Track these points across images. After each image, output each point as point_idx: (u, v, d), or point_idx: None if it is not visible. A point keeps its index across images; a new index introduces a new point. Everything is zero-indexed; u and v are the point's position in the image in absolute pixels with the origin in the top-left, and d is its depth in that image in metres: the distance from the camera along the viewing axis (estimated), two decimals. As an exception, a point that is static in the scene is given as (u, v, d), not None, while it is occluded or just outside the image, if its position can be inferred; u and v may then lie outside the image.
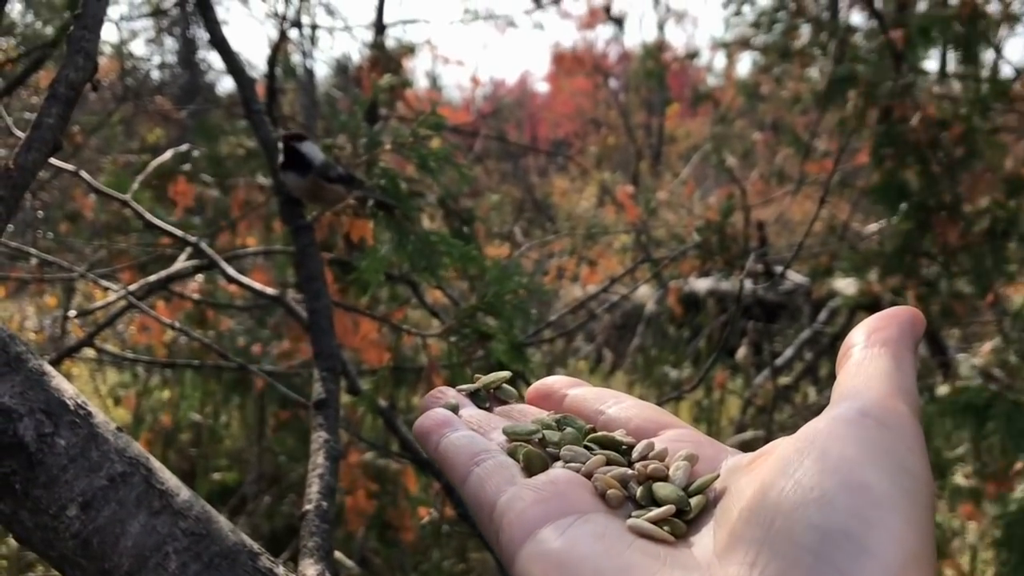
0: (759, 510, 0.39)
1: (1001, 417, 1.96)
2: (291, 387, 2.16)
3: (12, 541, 2.65)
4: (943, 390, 2.85)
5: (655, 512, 0.46)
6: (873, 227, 4.44)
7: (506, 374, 0.63)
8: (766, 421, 3.75)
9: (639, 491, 0.48)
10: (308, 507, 0.79)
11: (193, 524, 0.66)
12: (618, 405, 0.58)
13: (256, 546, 0.69)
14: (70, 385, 0.67)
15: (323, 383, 0.91)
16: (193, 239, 1.52)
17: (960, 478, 2.93)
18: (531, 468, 0.50)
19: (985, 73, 3.28)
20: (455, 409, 0.58)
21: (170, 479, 0.68)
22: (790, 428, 3.91)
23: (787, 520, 0.37)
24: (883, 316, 0.46)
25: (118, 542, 0.63)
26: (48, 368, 0.67)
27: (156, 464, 0.68)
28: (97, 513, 0.63)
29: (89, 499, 0.63)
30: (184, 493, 0.68)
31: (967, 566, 3.04)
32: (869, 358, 0.44)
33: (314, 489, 0.80)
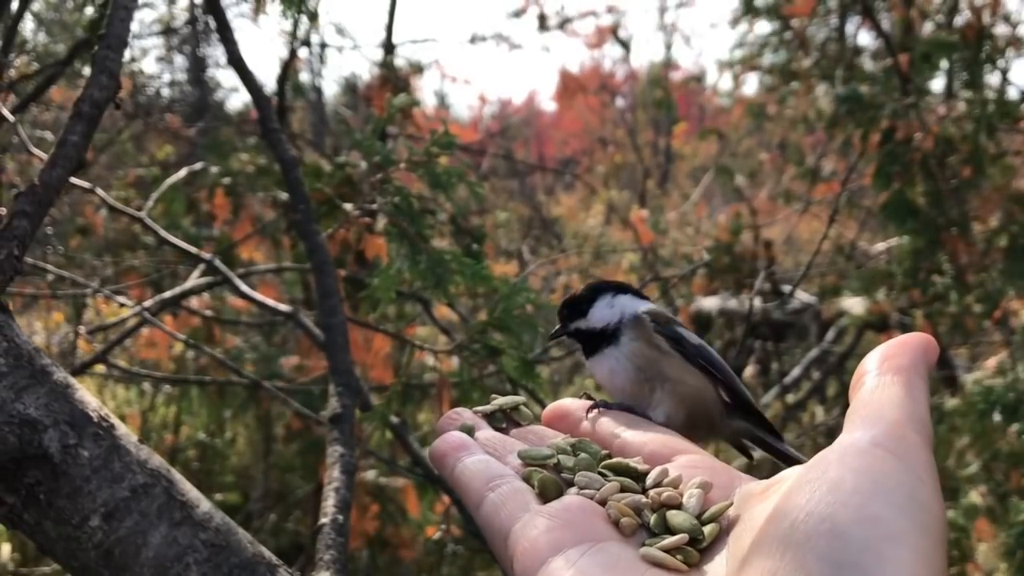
0: (771, 540, 0.39)
1: None
2: (303, 402, 2.17)
3: (3, 552, 2.64)
4: (952, 403, 2.85)
5: (668, 541, 0.47)
6: (881, 246, 4.45)
7: (521, 399, 0.64)
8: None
9: (653, 519, 0.49)
10: (324, 520, 0.80)
11: (213, 535, 0.66)
12: (633, 430, 0.58)
13: (274, 558, 0.69)
14: (93, 397, 0.68)
15: (339, 398, 0.92)
16: (207, 256, 1.53)
17: (975, 496, 2.92)
18: (546, 494, 0.51)
19: (991, 95, 3.29)
20: (471, 431, 0.59)
21: (191, 491, 0.69)
22: (798, 448, 3.89)
23: (799, 551, 0.38)
24: (896, 343, 0.47)
25: (140, 553, 0.64)
26: (72, 381, 0.68)
27: (177, 476, 0.69)
28: (119, 524, 0.64)
29: (112, 510, 0.64)
30: (204, 504, 0.68)
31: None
32: (881, 386, 0.44)
33: (330, 503, 0.81)
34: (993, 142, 2.94)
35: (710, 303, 5.95)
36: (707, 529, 0.47)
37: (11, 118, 1.44)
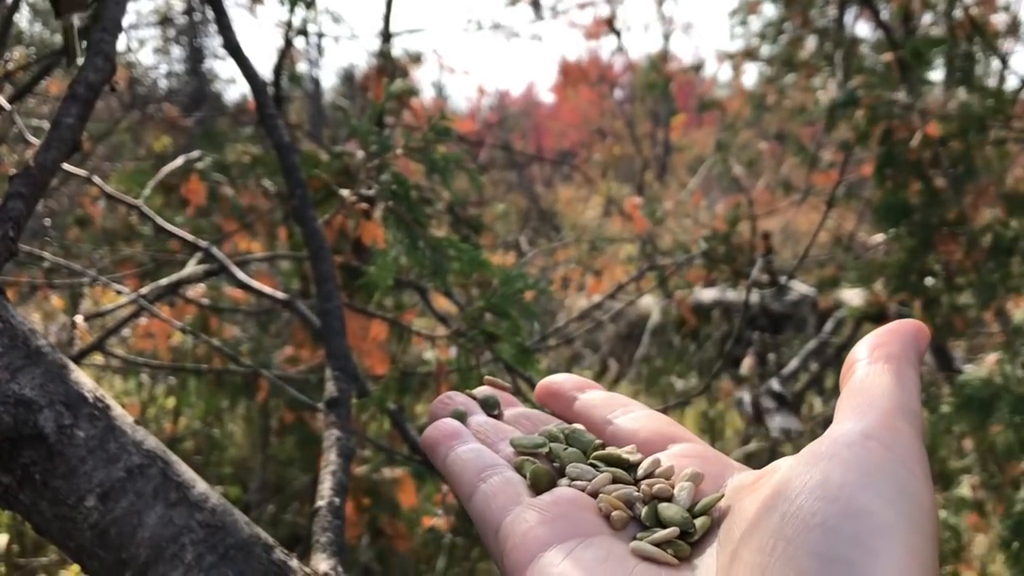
0: (761, 534, 0.39)
1: (1005, 410, 1.95)
2: (300, 392, 2.17)
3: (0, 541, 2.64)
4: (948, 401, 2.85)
5: (659, 534, 0.46)
6: (879, 237, 4.45)
7: (508, 386, 0.64)
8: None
9: (644, 511, 0.49)
10: (321, 503, 0.80)
11: (209, 516, 0.66)
12: (627, 415, 0.58)
13: (270, 539, 0.69)
14: (89, 379, 0.68)
15: (335, 382, 0.92)
16: (204, 244, 1.53)
17: (966, 488, 2.93)
18: (538, 485, 0.51)
19: (991, 84, 3.29)
20: (463, 417, 0.58)
21: (186, 472, 0.69)
22: (797, 440, 3.91)
23: (789, 545, 0.37)
24: (886, 331, 0.46)
25: (135, 533, 0.64)
26: (68, 362, 0.68)
27: (173, 457, 0.69)
28: (115, 504, 0.64)
29: (107, 490, 0.64)
30: (200, 485, 0.68)
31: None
32: (872, 375, 0.44)
33: (326, 485, 0.81)
34: (986, 137, 2.94)
35: (708, 295, 5.96)
36: (698, 522, 0.46)
37: (8, 107, 1.44)
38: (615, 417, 0.58)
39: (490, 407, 0.61)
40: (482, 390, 0.63)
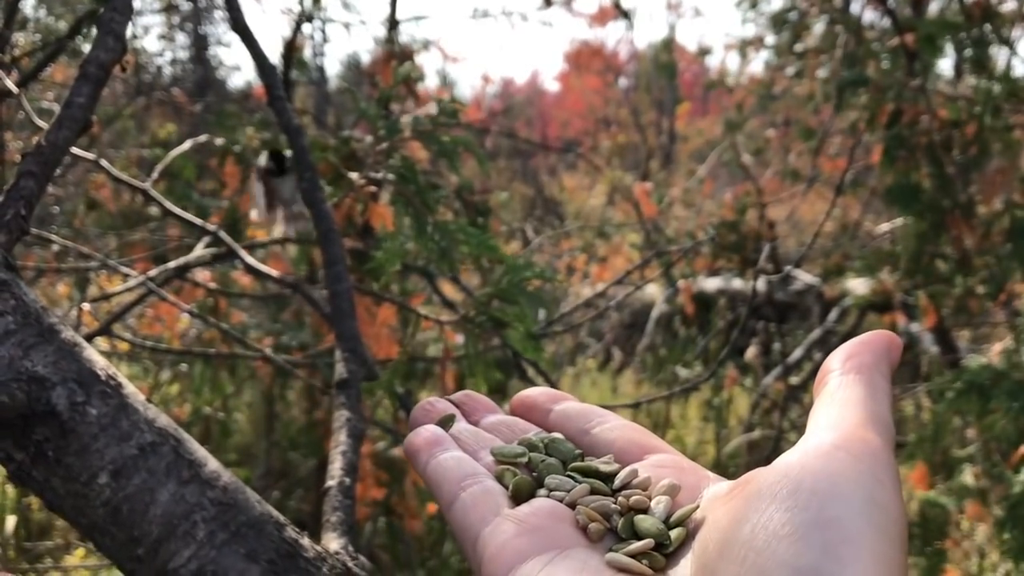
0: (733, 545, 0.40)
1: (1004, 396, 1.95)
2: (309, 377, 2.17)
3: (8, 524, 2.65)
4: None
5: (634, 546, 0.46)
6: (885, 226, 4.44)
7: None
8: (775, 421, 3.75)
9: (620, 523, 0.49)
10: (331, 483, 0.80)
11: (221, 494, 0.67)
12: (602, 426, 0.58)
13: (282, 517, 0.70)
14: (101, 356, 0.68)
15: (345, 363, 0.92)
16: (212, 227, 1.53)
17: (968, 476, 2.93)
18: (518, 496, 0.51)
19: (998, 73, 3.27)
20: (445, 424, 0.58)
21: (198, 450, 0.69)
22: (800, 428, 3.91)
23: (759, 556, 0.38)
24: (858, 342, 0.47)
25: (147, 510, 0.64)
26: (80, 339, 0.68)
27: (185, 435, 0.69)
28: (127, 481, 0.64)
29: (120, 467, 0.64)
30: (212, 463, 0.69)
31: (975, 568, 3.04)
32: (843, 386, 0.45)
33: (337, 465, 0.81)
34: (999, 122, 2.93)
35: (712, 284, 5.96)
36: (673, 534, 0.47)
37: (15, 90, 1.43)
38: (591, 428, 0.58)
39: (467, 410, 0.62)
40: (461, 395, 0.63)
